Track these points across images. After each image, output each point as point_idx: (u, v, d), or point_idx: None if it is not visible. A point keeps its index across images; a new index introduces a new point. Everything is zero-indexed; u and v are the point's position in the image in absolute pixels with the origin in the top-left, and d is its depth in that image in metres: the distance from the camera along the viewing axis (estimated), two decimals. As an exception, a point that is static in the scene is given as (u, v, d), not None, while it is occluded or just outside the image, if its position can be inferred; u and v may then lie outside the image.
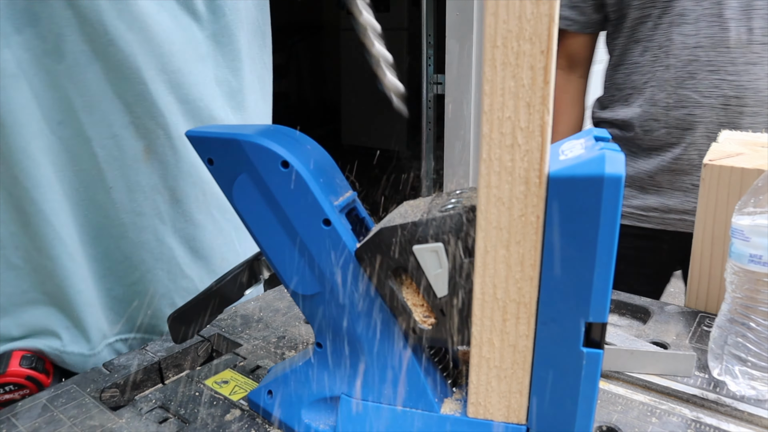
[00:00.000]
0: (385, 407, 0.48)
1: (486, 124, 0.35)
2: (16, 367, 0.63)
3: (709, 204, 0.73)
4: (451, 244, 0.40)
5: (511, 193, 0.36)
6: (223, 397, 0.58)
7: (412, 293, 0.44)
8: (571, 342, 0.38)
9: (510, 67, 0.34)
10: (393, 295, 0.44)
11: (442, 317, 0.43)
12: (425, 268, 0.42)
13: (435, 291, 0.42)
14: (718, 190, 0.72)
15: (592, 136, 0.40)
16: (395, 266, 0.43)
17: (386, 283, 0.44)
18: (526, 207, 0.36)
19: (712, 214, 0.73)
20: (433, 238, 0.41)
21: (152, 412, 0.56)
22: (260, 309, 0.77)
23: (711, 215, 0.73)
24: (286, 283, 0.49)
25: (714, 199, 0.72)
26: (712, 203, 0.73)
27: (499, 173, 0.36)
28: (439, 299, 0.42)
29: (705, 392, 0.58)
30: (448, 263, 0.41)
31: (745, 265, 0.56)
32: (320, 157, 0.48)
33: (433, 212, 0.42)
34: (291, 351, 0.67)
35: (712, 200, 0.72)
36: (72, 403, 0.57)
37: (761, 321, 0.56)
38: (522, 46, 0.33)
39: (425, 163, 2.66)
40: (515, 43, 0.33)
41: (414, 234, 0.41)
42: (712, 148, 0.78)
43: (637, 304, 0.76)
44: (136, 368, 0.63)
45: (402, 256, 0.42)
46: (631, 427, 0.53)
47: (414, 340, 0.45)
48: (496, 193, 0.36)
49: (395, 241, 0.42)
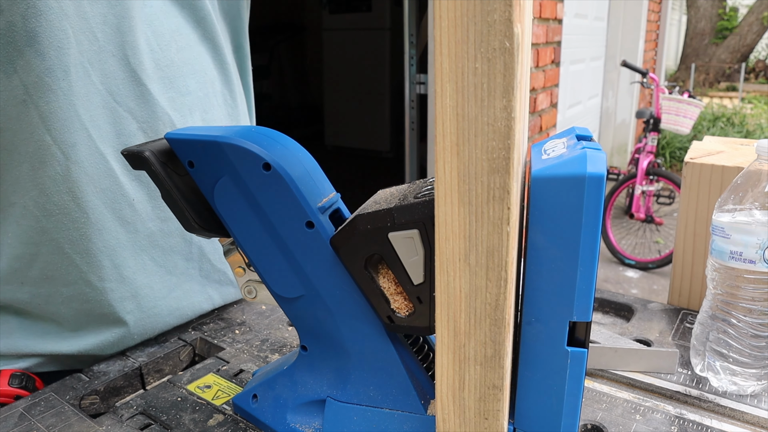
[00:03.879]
0: (371, 409, 0.47)
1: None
2: (5, 386, 0.62)
3: (690, 201, 0.74)
4: (426, 230, 0.40)
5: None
6: (206, 402, 0.57)
7: (389, 281, 0.43)
8: (555, 341, 0.38)
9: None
10: (369, 283, 0.43)
11: (419, 305, 0.42)
12: (401, 255, 0.41)
13: (411, 278, 0.42)
14: (699, 188, 0.72)
15: (575, 135, 0.40)
16: (371, 254, 0.42)
17: (363, 272, 0.43)
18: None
19: (694, 212, 0.74)
20: (409, 224, 0.40)
21: (133, 418, 0.55)
22: (243, 312, 0.76)
23: (692, 213, 0.74)
24: (270, 286, 0.48)
25: (695, 196, 0.73)
26: (694, 201, 0.73)
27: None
28: (416, 286, 0.42)
29: (688, 389, 0.59)
30: (423, 250, 0.41)
31: (726, 262, 0.57)
32: (303, 159, 0.47)
33: (409, 199, 0.42)
34: (275, 354, 0.66)
35: (693, 198, 0.73)
36: (50, 412, 0.55)
37: (742, 317, 0.57)
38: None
39: (409, 163, 2.66)
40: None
41: (389, 221, 0.41)
42: (693, 146, 0.79)
43: (620, 302, 0.77)
44: (116, 374, 0.62)
45: (378, 243, 0.42)
46: (616, 425, 0.53)
47: (392, 329, 0.45)
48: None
49: (371, 228, 0.41)
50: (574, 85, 3.50)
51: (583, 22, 3.64)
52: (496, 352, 0.36)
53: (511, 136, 0.31)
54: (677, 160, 5.36)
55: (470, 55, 0.30)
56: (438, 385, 0.38)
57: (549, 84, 2.81)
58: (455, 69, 0.31)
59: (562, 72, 3.04)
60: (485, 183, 0.32)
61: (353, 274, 0.44)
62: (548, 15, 2.65)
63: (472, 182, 0.33)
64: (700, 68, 9.39)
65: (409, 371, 0.46)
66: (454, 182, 0.33)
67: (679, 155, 5.36)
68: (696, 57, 9.48)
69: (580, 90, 3.74)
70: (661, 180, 3.36)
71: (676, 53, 10.44)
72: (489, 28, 0.30)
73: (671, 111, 3.32)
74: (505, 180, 0.32)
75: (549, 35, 2.69)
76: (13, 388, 0.62)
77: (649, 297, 2.66)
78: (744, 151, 0.76)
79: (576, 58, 3.52)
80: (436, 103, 0.32)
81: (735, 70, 9.23)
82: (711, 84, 9.53)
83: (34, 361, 0.66)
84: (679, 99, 3.29)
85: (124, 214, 0.63)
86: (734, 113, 6.50)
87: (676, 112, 3.30)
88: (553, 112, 2.92)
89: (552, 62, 2.80)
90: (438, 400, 0.38)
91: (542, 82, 2.70)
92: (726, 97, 8.34)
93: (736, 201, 0.57)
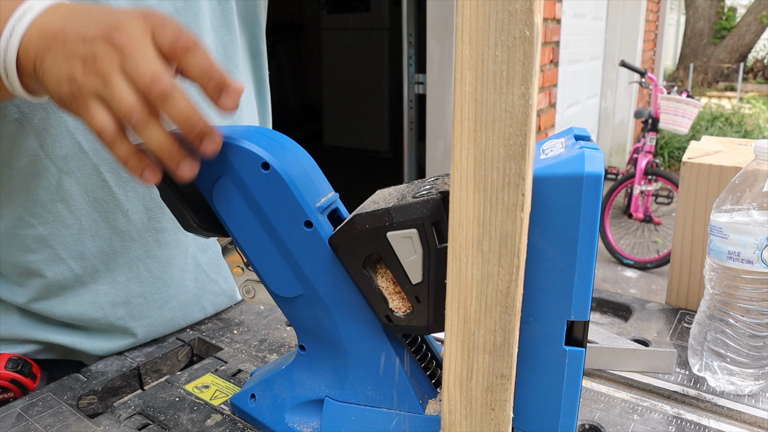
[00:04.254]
0: (369, 409, 0.47)
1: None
2: (2, 369, 0.62)
3: (688, 201, 0.74)
4: (425, 229, 0.40)
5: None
6: (204, 402, 0.57)
7: (388, 281, 0.43)
8: (553, 341, 0.38)
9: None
10: (368, 283, 0.43)
11: (417, 304, 0.42)
12: (399, 255, 0.41)
13: (410, 277, 0.41)
14: (697, 188, 0.73)
15: (572, 135, 0.40)
16: (370, 253, 0.42)
17: (361, 271, 0.43)
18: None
19: (692, 212, 0.74)
20: (407, 224, 0.40)
21: (131, 418, 0.55)
22: (241, 312, 0.76)
23: (690, 213, 0.74)
24: (269, 286, 0.48)
25: (693, 196, 0.73)
26: (692, 201, 0.73)
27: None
28: (414, 286, 0.42)
29: (686, 388, 0.59)
30: (421, 249, 0.41)
31: (724, 262, 0.57)
32: (301, 159, 0.47)
33: (407, 198, 0.42)
34: (273, 354, 0.66)
35: (692, 198, 0.73)
36: (48, 412, 0.55)
37: (739, 317, 0.57)
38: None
39: (407, 163, 2.66)
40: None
41: (388, 220, 0.41)
42: (692, 146, 0.79)
43: (618, 302, 0.77)
44: (114, 374, 0.62)
45: (376, 243, 0.41)
46: (614, 425, 0.53)
47: (390, 329, 0.45)
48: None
49: (369, 228, 0.41)
50: (572, 85, 3.50)
51: (581, 21, 3.64)
52: (505, 341, 0.36)
53: (528, 123, 0.32)
54: (676, 160, 5.37)
55: (491, 43, 0.31)
56: (445, 374, 0.38)
57: (547, 84, 2.81)
58: (475, 56, 0.31)
59: (561, 72, 3.04)
60: (501, 169, 0.33)
61: (352, 273, 0.44)
62: (547, 15, 2.65)
63: (488, 168, 0.33)
64: (698, 68, 9.39)
65: (407, 371, 0.46)
66: (470, 168, 0.33)
67: (677, 155, 5.37)
68: (694, 57, 9.49)
69: (579, 90, 3.75)
70: (660, 180, 3.36)
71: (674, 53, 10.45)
72: (510, 17, 0.30)
73: (670, 111, 3.32)
74: (521, 166, 0.32)
75: (547, 35, 2.69)
76: (9, 371, 0.62)
77: (648, 297, 2.66)
78: (742, 151, 0.76)
79: (574, 58, 3.53)
80: (455, 89, 0.32)
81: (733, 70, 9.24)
82: (709, 84, 9.53)
83: (33, 347, 0.67)
84: (678, 99, 3.29)
85: (119, 224, 0.63)
86: (732, 113, 6.50)
87: (675, 112, 3.30)
88: (551, 112, 2.92)
89: (550, 62, 2.80)
90: (444, 391, 0.38)
91: (541, 82, 2.71)
92: (724, 97, 8.34)
93: (734, 201, 0.57)
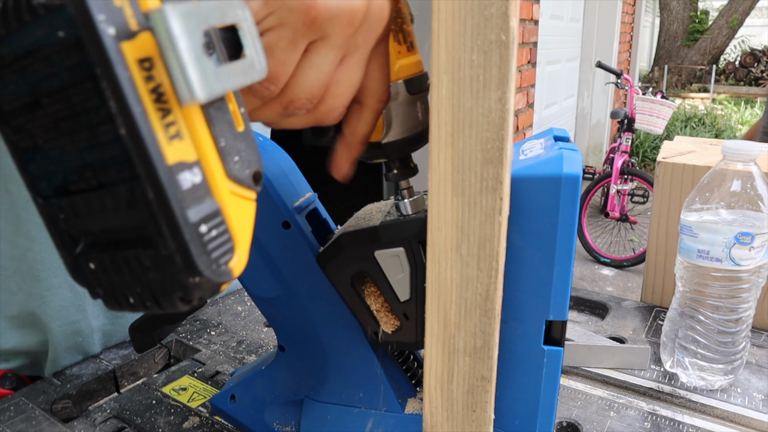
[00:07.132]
0: (348, 409, 0.47)
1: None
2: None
3: (663, 200, 0.75)
4: (412, 248, 0.40)
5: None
6: (182, 405, 0.56)
7: (375, 298, 0.43)
8: (531, 340, 0.38)
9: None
10: (356, 301, 0.43)
11: (405, 321, 0.42)
12: (387, 273, 0.41)
13: (398, 295, 0.42)
14: (671, 187, 0.74)
15: (552, 137, 0.40)
16: (357, 271, 0.43)
17: (349, 289, 0.43)
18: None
19: (666, 210, 0.75)
20: (395, 242, 0.40)
21: (107, 422, 0.54)
22: (219, 313, 0.76)
23: (665, 211, 0.75)
24: (247, 286, 0.48)
25: (667, 195, 0.74)
26: (666, 200, 0.75)
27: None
28: (402, 303, 0.42)
29: (661, 385, 0.60)
30: (409, 267, 0.41)
31: (694, 261, 0.58)
32: (279, 159, 0.47)
33: (393, 215, 0.42)
34: (251, 356, 0.66)
35: (666, 197, 0.75)
36: (20, 417, 0.54)
37: (709, 314, 0.58)
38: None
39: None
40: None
41: (375, 239, 0.41)
42: (665, 146, 0.80)
43: (595, 300, 0.78)
44: (89, 377, 0.61)
45: (364, 261, 0.42)
46: (591, 422, 0.54)
47: (378, 345, 0.45)
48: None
49: (356, 247, 0.42)
50: (550, 86, 3.54)
51: (558, 23, 3.69)
52: (485, 343, 0.36)
53: (505, 127, 0.32)
54: (650, 159, 5.46)
55: (467, 47, 0.31)
56: (426, 378, 0.38)
57: (525, 84, 2.84)
58: (452, 60, 0.31)
59: (539, 72, 3.07)
60: (479, 173, 0.33)
61: (340, 291, 0.44)
62: (524, 16, 2.67)
63: (466, 172, 0.33)
64: (672, 70, 9.56)
65: (386, 370, 0.46)
66: (448, 172, 0.33)
67: (651, 155, 5.46)
68: (669, 59, 9.66)
69: (556, 90, 3.79)
70: (635, 179, 3.41)
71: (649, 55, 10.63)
72: (486, 22, 0.30)
73: (645, 111, 3.37)
74: (498, 170, 0.33)
75: (525, 36, 2.71)
76: (3, 389, 0.61)
77: (624, 294, 2.70)
78: (713, 151, 0.77)
79: (552, 59, 3.56)
80: (432, 93, 0.32)
81: (706, 72, 9.43)
82: (683, 85, 9.71)
83: (21, 361, 0.65)
84: (653, 100, 3.34)
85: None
86: (705, 114, 6.64)
87: (650, 113, 3.36)
88: (529, 112, 2.95)
89: (528, 63, 2.83)
90: (426, 393, 0.39)
91: (519, 83, 2.73)
92: (698, 98, 8.51)
93: (703, 200, 0.58)
